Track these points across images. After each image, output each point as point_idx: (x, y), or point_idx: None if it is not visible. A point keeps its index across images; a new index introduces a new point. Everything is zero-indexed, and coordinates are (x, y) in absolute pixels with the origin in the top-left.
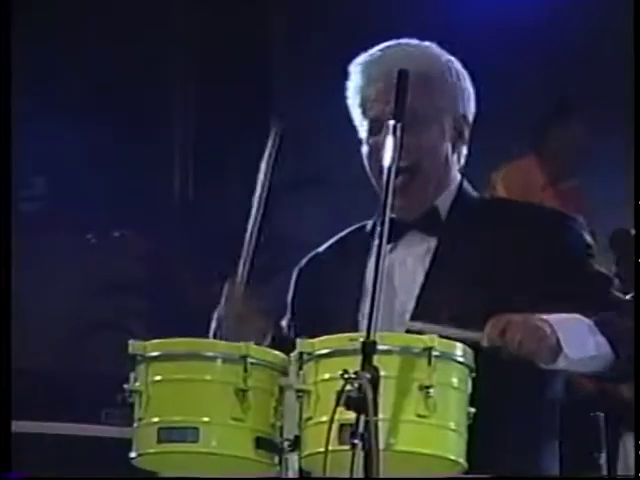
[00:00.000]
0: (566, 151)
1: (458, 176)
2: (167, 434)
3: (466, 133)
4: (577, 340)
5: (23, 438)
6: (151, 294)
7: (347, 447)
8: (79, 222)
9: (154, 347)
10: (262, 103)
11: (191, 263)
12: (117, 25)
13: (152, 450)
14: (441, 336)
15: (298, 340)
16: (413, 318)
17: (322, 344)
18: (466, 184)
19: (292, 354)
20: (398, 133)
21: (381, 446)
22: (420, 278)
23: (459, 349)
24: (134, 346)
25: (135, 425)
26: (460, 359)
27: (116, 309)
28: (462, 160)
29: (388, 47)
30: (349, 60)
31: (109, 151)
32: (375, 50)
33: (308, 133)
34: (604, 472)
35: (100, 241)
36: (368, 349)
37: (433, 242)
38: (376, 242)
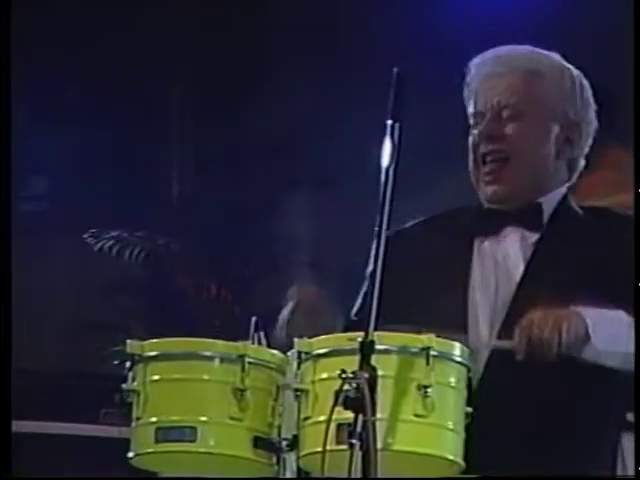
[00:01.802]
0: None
1: (564, 188)
2: (165, 434)
3: (577, 141)
4: (609, 333)
5: (21, 438)
6: (150, 294)
7: (345, 447)
8: (77, 222)
9: (152, 347)
10: (259, 105)
11: (190, 264)
12: (114, 25)
13: (150, 450)
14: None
15: (296, 340)
16: (510, 310)
17: (320, 344)
18: (571, 198)
19: (290, 353)
20: (396, 133)
21: (379, 446)
22: (519, 272)
23: (457, 349)
24: (132, 346)
25: (133, 425)
26: (458, 359)
27: (115, 309)
28: (574, 174)
29: (507, 48)
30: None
31: (107, 151)
32: (495, 49)
33: (309, 133)
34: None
35: (98, 241)
36: (366, 349)
37: (534, 237)
38: (374, 244)
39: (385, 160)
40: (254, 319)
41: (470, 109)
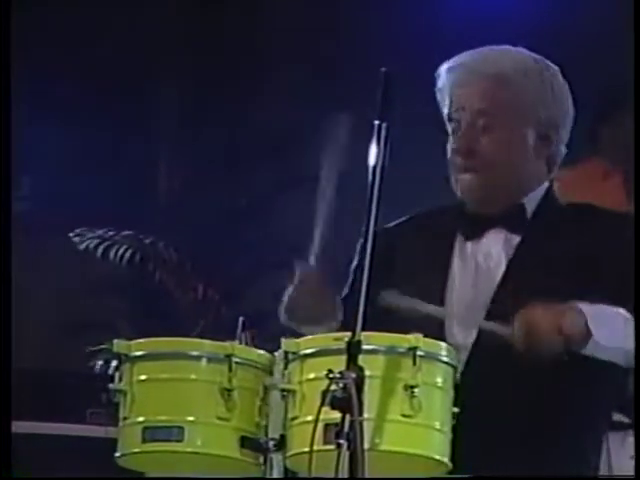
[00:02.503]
0: (619, 147)
1: (547, 182)
2: (152, 433)
3: (554, 137)
4: (609, 329)
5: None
6: (136, 294)
7: (332, 447)
8: (62, 221)
9: (139, 347)
10: (248, 106)
11: (176, 263)
12: (112, 24)
13: (137, 449)
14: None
15: (283, 339)
16: (490, 311)
17: (307, 343)
18: (555, 189)
19: (277, 353)
20: (383, 133)
21: (366, 446)
22: (501, 271)
23: (444, 349)
24: (119, 345)
25: (120, 425)
26: (445, 359)
27: (102, 309)
28: (554, 167)
29: (474, 52)
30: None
31: (94, 150)
32: (463, 55)
33: (299, 134)
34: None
35: (83, 240)
36: (353, 349)
37: (517, 239)
38: (361, 241)
39: (372, 160)
40: (241, 319)
41: (445, 114)
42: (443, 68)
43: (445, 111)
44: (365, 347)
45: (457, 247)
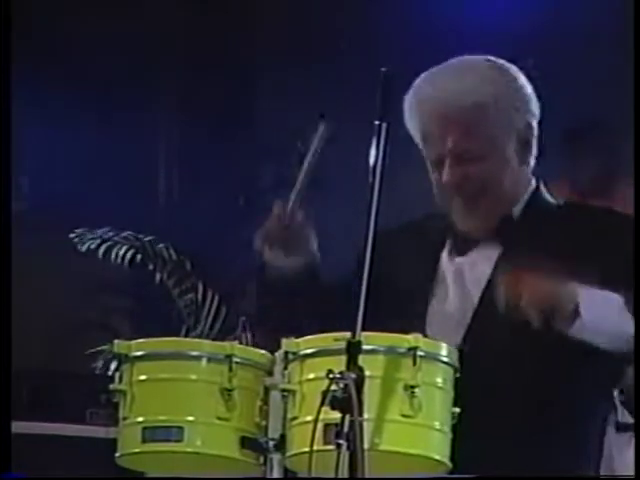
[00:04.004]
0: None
1: (532, 182)
2: (152, 433)
3: (533, 140)
4: (599, 311)
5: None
6: (136, 294)
7: (332, 447)
8: (64, 222)
9: (139, 347)
10: (246, 106)
11: (176, 263)
12: (105, 28)
13: (137, 450)
14: None
15: (283, 339)
16: (474, 318)
17: (307, 344)
18: (542, 188)
19: (277, 353)
20: (382, 132)
21: (366, 446)
22: (486, 278)
23: (444, 349)
24: (119, 346)
25: (120, 425)
26: (445, 359)
27: (102, 309)
28: (531, 163)
29: (434, 78)
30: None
31: (93, 150)
32: (425, 83)
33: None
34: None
35: (83, 241)
36: (353, 349)
37: (501, 246)
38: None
39: (372, 160)
40: (242, 319)
41: (421, 146)
42: (409, 101)
43: (421, 143)
44: (365, 347)
45: (444, 256)
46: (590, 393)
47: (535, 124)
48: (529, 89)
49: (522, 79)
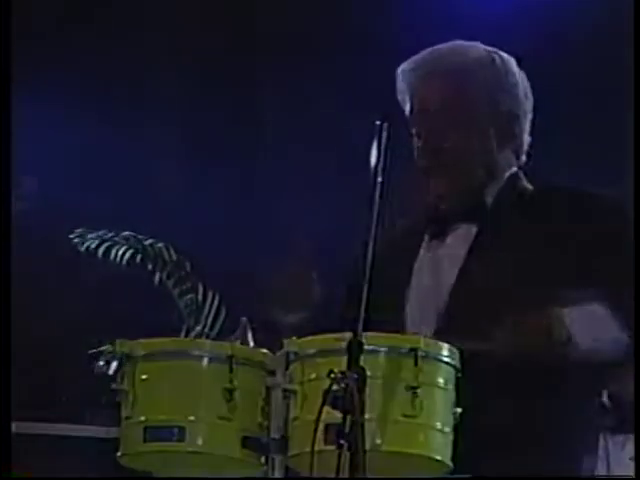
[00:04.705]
0: None
1: (512, 169)
2: (153, 433)
3: (515, 129)
4: (589, 329)
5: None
6: (136, 294)
7: (333, 447)
8: (64, 222)
9: (140, 346)
10: (247, 103)
11: (176, 264)
12: (108, 24)
13: (138, 449)
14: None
15: (285, 339)
16: (449, 301)
17: (309, 344)
18: (521, 176)
19: (278, 353)
20: (384, 133)
21: (367, 446)
22: (460, 263)
23: (445, 349)
24: (121, 345)
25: (121, 424)
26: (446, 359)
27: (102, 309)
28: (521, 155)
29: (428, 51)
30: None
31: (95, 151)
32: (418, 55)
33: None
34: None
35: (84, 241)
36: (355, 349)
37: (475, 228)
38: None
39: (374, 160)
40: (243, 319)
41: (407, 116)
42: (400, 70)
43: (407, 113)
44: (366, 347)
45: (424, 246)
46: (575, 394)
47: (523, 117)
48: (522, 83)
49: (516, 72)
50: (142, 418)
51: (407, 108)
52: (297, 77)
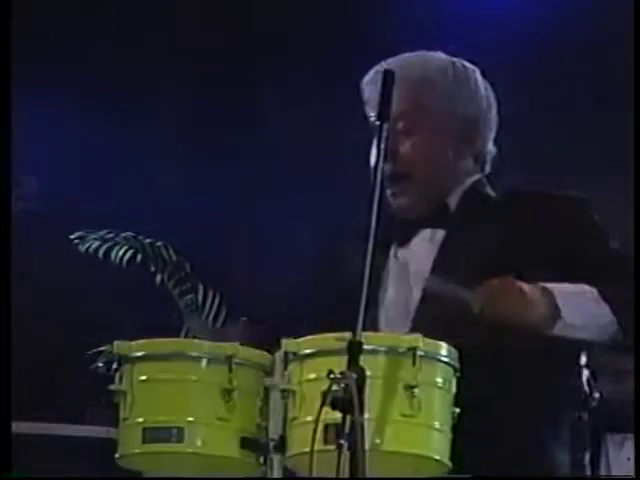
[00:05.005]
0: None
1: (475, 177)
2: (152, 434)
3: (475, 137)
4: (579, 306)
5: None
6: (136, 295)
7: (333, 447)
8: (64, 222)
9: (139, 347)
10: (247, 106)
11: (176, 264)
12: (108, 24)
13: (137, 450)
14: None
15: (283, 340)
16: (420, 306)
17: (307, 344)
18: (485, 183)
19: (277, 353)
20: (384, 134)
21: (367, 446)
22: (428, 267)
23: (444, 349)
24: (119, 346)
25: (120, 425)
26: (445, 359)
27: (102, 310)
28: (486, 165)
29: (392, 60)
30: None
31: (95, 151)
32: (382, 64)
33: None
34: (588, 472)
35: (84, 242)
36: (354, 349)
37: (442, 233)
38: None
39: (373, 160)
40: (242, 319)
41: (371, 123)
42: (364, 81)
43: (371, 120)
44: (365, 347)
45: (390, 257)
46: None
47: (483, 126)
48: (484, 92)
49: (480, 82)
50: (140, 419)
51: (372, 117)
52: (297, 77)
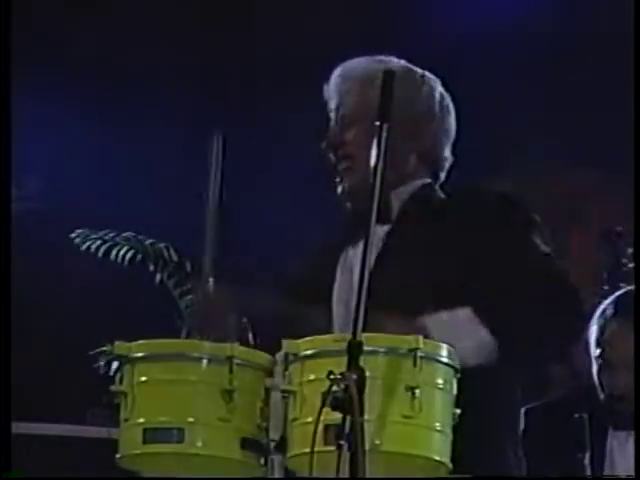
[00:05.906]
0: None
1: (424, 180)
2: (152, 435)
3: (421, 135)
4: (450, 333)
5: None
6: (137, 295)
7: (333, 448)
8: (65, 222)
9: (139, 348)
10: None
11: (176, 264)
12: (109, 24)
13: (137, 451)
14: None
15: (284, 341)
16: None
17: (307, 345)
18: (435, 188)
19: (277, 354)
20: (383, 133)
21: (367, 447)
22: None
23: (444, 350)
24: (119, 347)
25: (121, 426)
26: (445, 360)
27: (102, 310)
28: (440, 172)
29: (350, 62)
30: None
31: (95, 152)
32: (340, 67)
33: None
34: (588, 472)
35: (84, 241)
36: (354, 350)
37: (385, 230)
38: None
39: (373, 160)
40: (243, 320)
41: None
42: (325, 87)
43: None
44: (366, 348)
45: (342, 258)
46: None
47: (441, 131)
48: (440, 100)
49: (436, 90)
50: (141, 420)
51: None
52: (297, 77)
